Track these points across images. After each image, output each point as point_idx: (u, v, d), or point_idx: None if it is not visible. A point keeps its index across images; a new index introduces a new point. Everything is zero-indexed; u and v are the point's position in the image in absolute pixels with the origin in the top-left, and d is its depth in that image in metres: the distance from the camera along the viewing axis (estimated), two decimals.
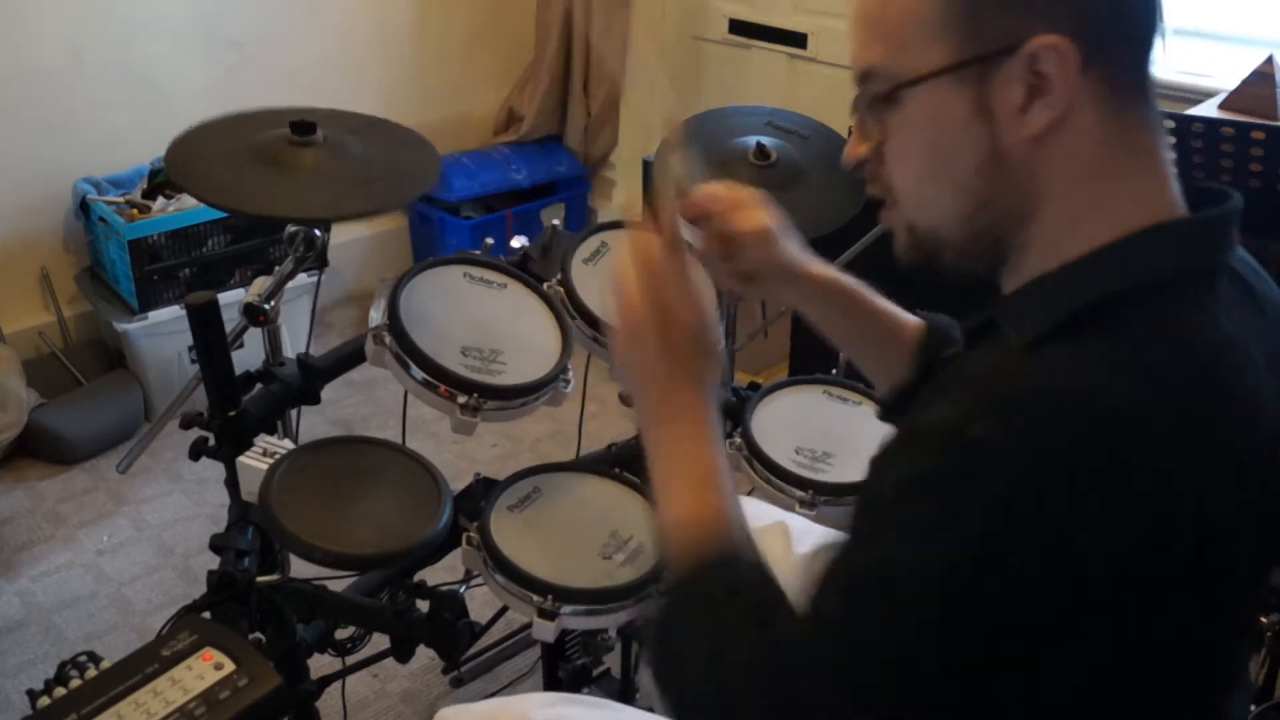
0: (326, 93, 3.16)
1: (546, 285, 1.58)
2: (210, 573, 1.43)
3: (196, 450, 1.51)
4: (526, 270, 1.65)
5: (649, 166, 1.81)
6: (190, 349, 2.57)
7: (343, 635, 1.59)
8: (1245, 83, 2.07)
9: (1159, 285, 0.76)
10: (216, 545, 1.47)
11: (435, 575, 1.57)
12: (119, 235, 2.67)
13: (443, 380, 1.40)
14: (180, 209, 2.72)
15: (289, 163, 1.52)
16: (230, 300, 1.60)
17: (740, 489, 1.75)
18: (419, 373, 1.40)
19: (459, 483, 1.52)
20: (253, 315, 1.55)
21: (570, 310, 1.56)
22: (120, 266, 2.73)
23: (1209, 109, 2.09)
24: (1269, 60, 2.06)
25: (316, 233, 1.60)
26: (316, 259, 1.65)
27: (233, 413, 1.48)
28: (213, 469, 1.53)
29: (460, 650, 1.47)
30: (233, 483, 1.49)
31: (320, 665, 1.62)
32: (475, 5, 3.46)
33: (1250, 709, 1.43)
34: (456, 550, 1.46)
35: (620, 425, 2.36)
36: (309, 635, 1.52)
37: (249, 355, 1.72)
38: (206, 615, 1.38)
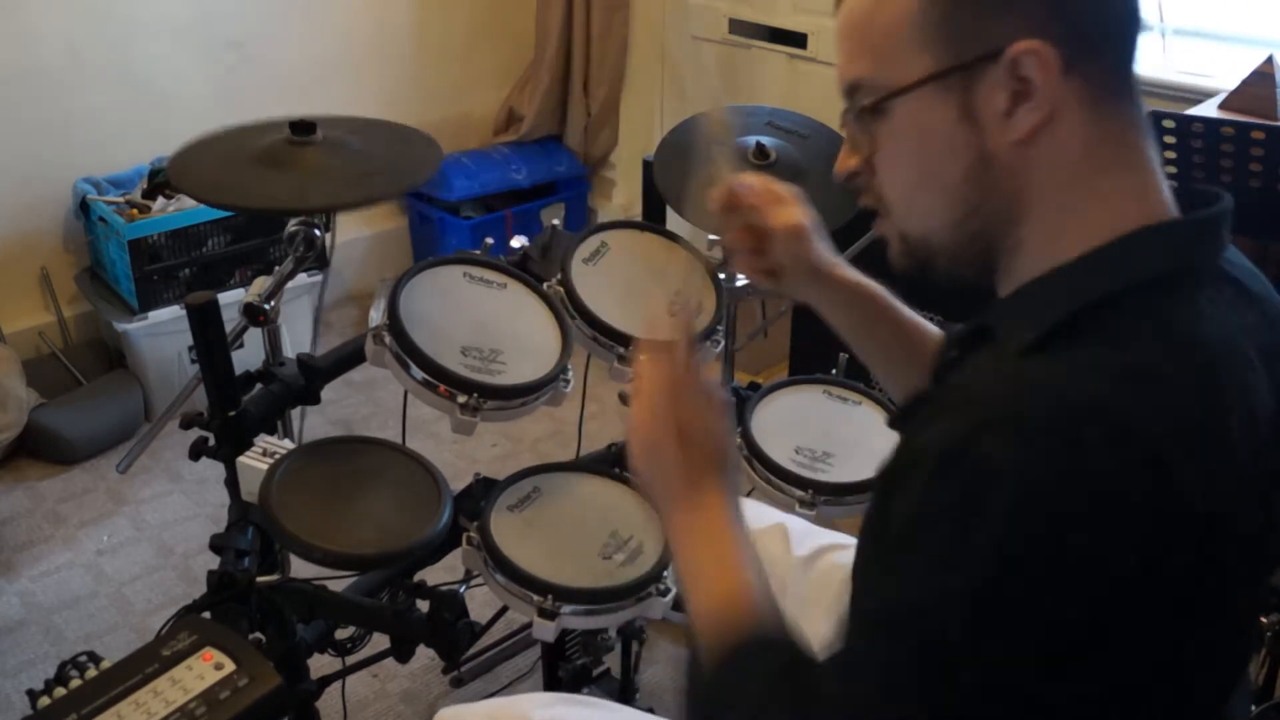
0: (326, 93, 3.19)
1: (546, 285, 1.58)
2: (210, 573, 1.43)
3: (196, 450, 1.51)
4: (526, 270, 1.65)
5: (649, 167, 1.80)
6: (190, 349, 2.58)
7: (343, 635, 1.59)
8: (1245, 83, 2.07)
9: (1152, 286, 0.76)
10: (216, 545, 1.47)
11: (435, 575, 1.57)
12: (119, 235, 2.67)
13: (443, 380, 1.40)
14: (180, 209, 2.72)
15: (289, 161, 1.53)
16: (230, 300, 1.60)
17: (740, 489, 1.77)
18: (419, 373, 1.40)
19: (459, 483, 1.52)
20: (253, 315, 1.55)
21: (570, 310, 1.56)
22: (120, 266, 2.73)
23: (1209, 109, 2.10)
24: (1269, 60, 2.06)
25: (316, 232, 1.60)
26: (316, 259, 1.65)
27: (233, 413, 1.49)
28: (213, 469, 1.53)
29: (460, 650, 1.47)
30: (233, 483, 1.49)
31: (320, 665, 1.62)
32: (475, 5, 3.46)
33: (1250, 709, 1.43)
34: (456, 550, 1.46)
35: (620, 425, 2.36)
36: (309, 635, 1.52)
37: (249, 355, 1.72)
38: (206, 615, 1.38)
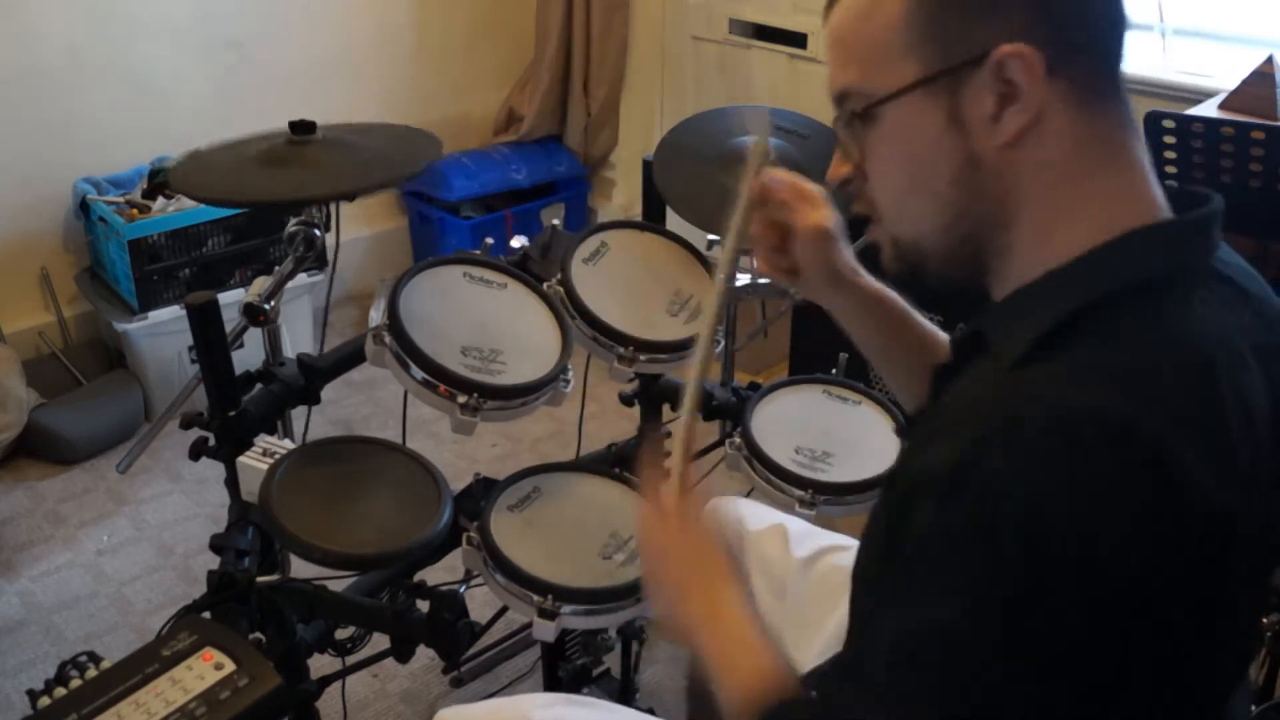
0: (326, 93, 3.19)
1: (546, 285, 1.58)
2: (210, 573, 1.43)
3: (196, 450, 1.51)
4: (526, 270, 1.65)
5: (649, 166, 1.81)
6: (190, 349, 2.58)
7: (343, 635, 1.59)
8: (1245, 83, 2.07)
9: (1145, 288, 0.77)
10: (216, 545, 1.47)
11: (435, 575, 1.57)
12: (119, 235, 2.67)
13: (443, 380, 1.40)
14: (180, 209, 2.72)
15: (290, 159, 1.53)
16: (230, 300, 1.60)
17: (740, 489, 1.77)
18: (419, 373, 1.41)
19: (459, 483, 1.52)
20: (253, 315, 1.55)
21: (570, 310, 1.56)
22: (120, 266, 2.73)
23: (1209, 109, 2.10)
24: (1269, 60, 2.06)
25: (316, 232, 1.60)
26: (316, 259, 1.65)
27: (233, 413, 1.49)
28: (213, 469, 1.53)
29: (460, 650, 1.47)
30: (233, 483, 1.49)
31: (320, 665, 1.62)
32: (475, 5, 3.46)
33: (1251, 709, 1.43)
34: (456, 550, 1.46)
35: (620, 425, 2.36)
36: (309, 635, 1.52)
37: (249, 355, 1.72)
38: (206, 615, 1.38)
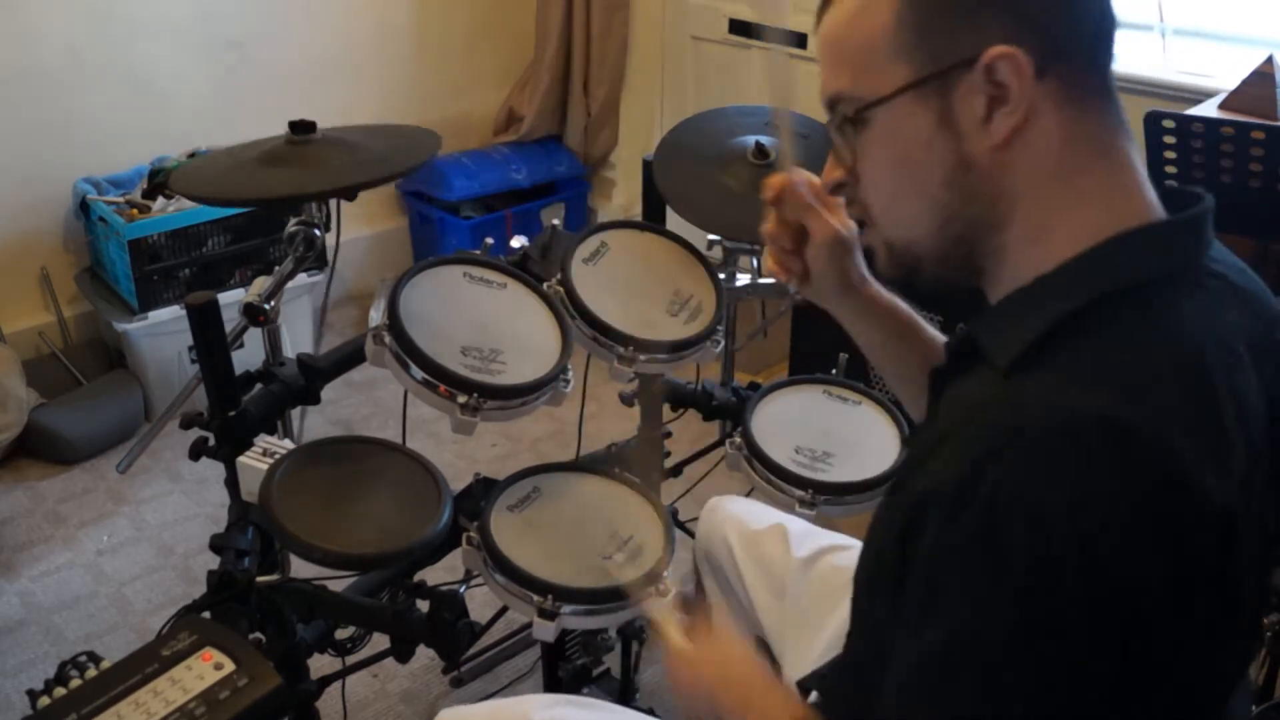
0: (326, 93, 3.19)
1: (546, 285, 1.58)
2: (210, 573, 1.43)
3: (196, 450, 1.51)
4: (526, 270, 1.65)
5: (649, 166, 1.81)
6: (190, 349, 2.59)
7: (343, 635, 1.59)
8: (1245, 83, 2.08)
9: (1138, 289, 0.77)
10: (216, 545, 1.47)
11: (435, 575, 1.57)
12: (119, 235, 2.67)
13: (443, 380, 1.40)
14: (180, 209, 2.72)
15: (290, 159, 1.54)
16: (230, 300, 1.60)
17: (740, 489, 1.77)
18: (419, 372, 1.40)
19: (459, 483, 1.52)
20: (253, 315, 1.56)
21: (570, 310, 1.56)
22: (120, 266, 2.73)
23: (1209, 109, 2.10)
24: (1269, 60, 2.06)
25: (316, 232, 1.60)
26: (316, 259, 1.65)
27: (233, 413, 1.49)
28: (213, 469, 1.53)
29: (460, 650, 1.47)
30: (233, 483, 1.49)
31: (320, 665, 1.62)
32: (475, 5, 3.46)
33: (1251, 709, 1.43)
34: (456, 550, 1.46)
35: (620, 425, 2.36)
36: (309, 635, 1.52)
37: (249, 355, 1.72)
38: (206, 615, 1.38)
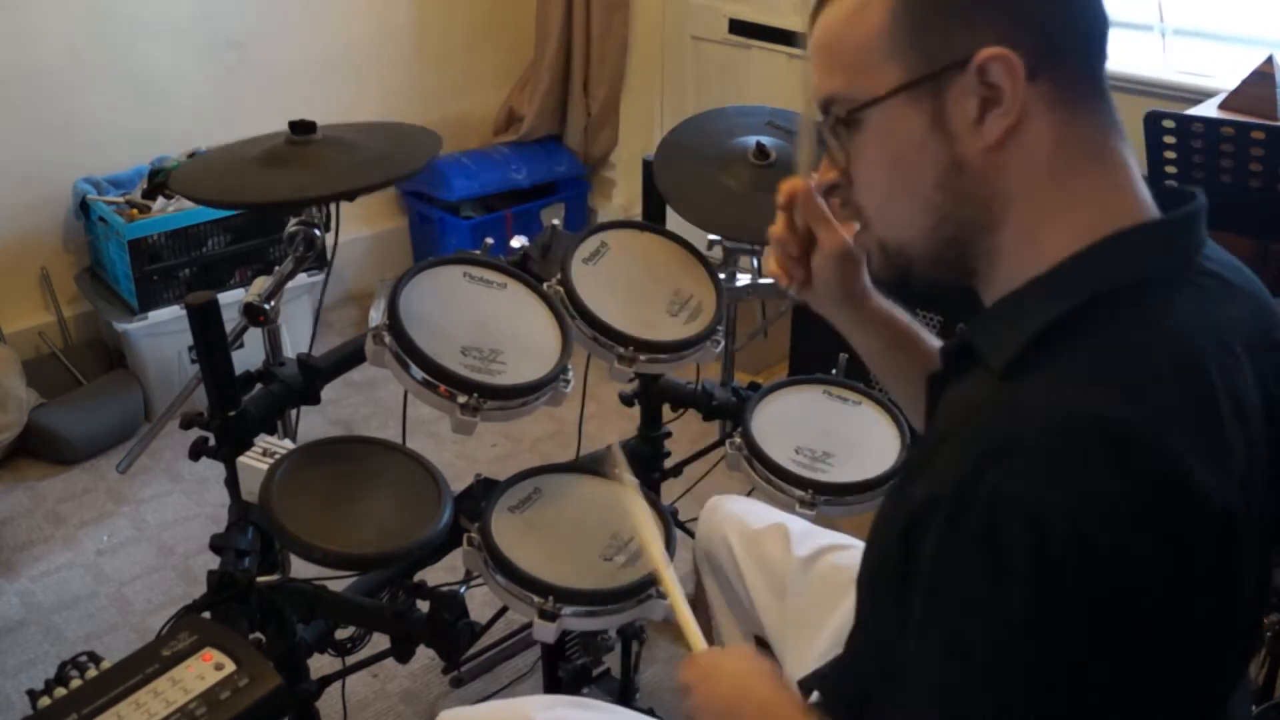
0: (326, 93, 3.19)
1: (546, 285, 1.58)
2: (210, 573, 1.43)
3: (196, 450, 1.51)
4: (526, 270, 1.65)
5: (649, 166, 1.81)
6: (190, 349, 2.58)
7: (343, 635, 1.59)
8: (1245, 83, 2.08)
9: (1132, 289, 0.77)
10: (216, 545, 1.47)
11: (435, 575, 1.57)
12: (119, 235, 2.67)
13: (443, 380, 1.40)
14: (180, 209, 2.72)
15: (290, 159, 1.54)
16: (230, 300, 1.60)
17: (740, 489, 1.77)
18: (419, 373, 1.40)
19: (459, 483, 1.52)
20: (253, 315, 1.55)
21: (570, 310, 1.56)
22: (120, 266, 2.73)
23: (1209, 109, 2.10)
24: (1269, 60, 2.06)
25: (316, 232, 1.60)
26: (316, 259, 1.65)
27: (233, 413, 1.49)
28: (213, 469, 1.53)
29: (460, 650, 1.47)
30: (233, 483, 1.49)
31: (320, 665, 1.62)
32: (475, 5, 3.46)
33: (1251, 709, 1.43)
34: (456, 550, 1.46)
35: (620, 425, 2.36)
36: (309, 635, 1.52)
37: (249, 355, 1.72)
38: (206, 615, 1.38)
